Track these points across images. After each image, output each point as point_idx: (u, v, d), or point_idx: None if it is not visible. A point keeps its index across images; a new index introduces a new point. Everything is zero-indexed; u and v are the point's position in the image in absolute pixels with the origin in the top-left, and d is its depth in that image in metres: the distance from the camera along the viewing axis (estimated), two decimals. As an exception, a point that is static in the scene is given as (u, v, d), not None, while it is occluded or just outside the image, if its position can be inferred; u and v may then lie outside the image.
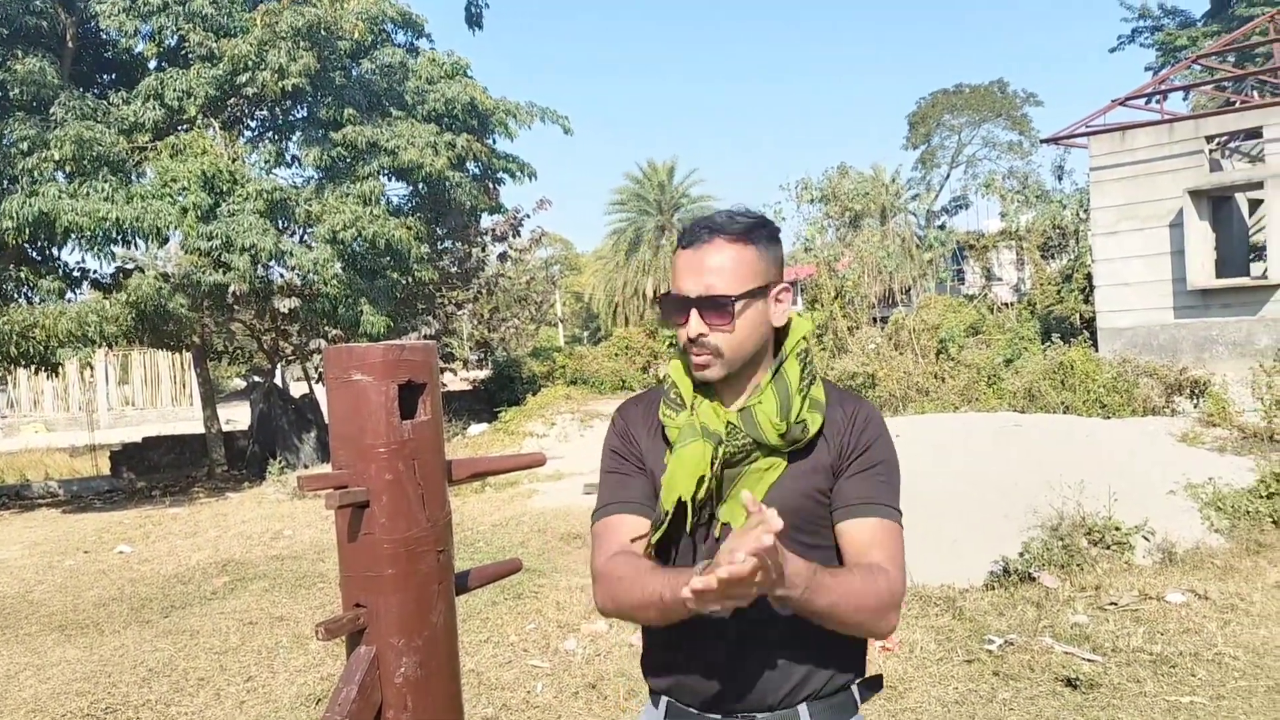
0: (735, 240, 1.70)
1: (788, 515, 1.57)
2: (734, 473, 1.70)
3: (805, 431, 1.69)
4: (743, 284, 1.69)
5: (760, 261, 1.71)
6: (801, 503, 1.70)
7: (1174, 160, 15.77)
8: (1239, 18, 29.27)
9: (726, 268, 1.69)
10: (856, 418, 1.74)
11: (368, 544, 1.77)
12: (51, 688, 5.50)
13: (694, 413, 1.74)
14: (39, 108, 12.92)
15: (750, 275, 1.70)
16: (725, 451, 1.69)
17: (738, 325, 1.69)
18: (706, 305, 1.68)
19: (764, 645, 1.70)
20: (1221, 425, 9.38)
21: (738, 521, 1.64)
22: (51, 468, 19.29)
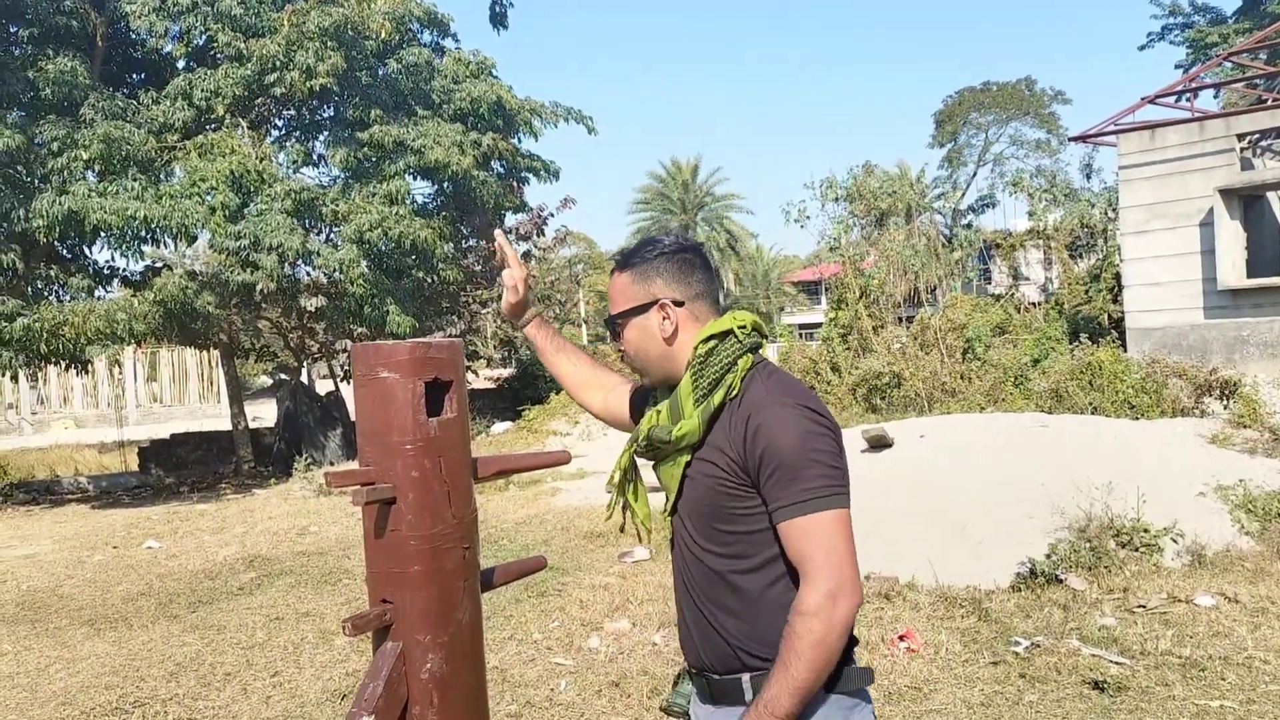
0: (618, 270, 2.03)
1: (697, 504, 1.91)
2: (661, 467, 1.97)
3: (668, 434, 1.89)
4: (617, 306, 2.01)
5: (634, 285, 1.98)
6: (704, 492, 1.88)
7: (1204, 159, 15.58)
8: (1271, 14, 28.92)
9: (612, 294, 2.03)
10: (749, 424, 1.83)
11: (394, 540, 1.77)
12: (81, 681, 5.56)
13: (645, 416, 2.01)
14: (70, 108, 13.07)
15: (628, 297, 1.99)
16: (635, 452, 2.02)
17: (626, 340, 2.00)
18: (609, 328, 2.04)
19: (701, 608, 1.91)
20: (1252, 426, 9.26)
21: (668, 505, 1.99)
22: (81, 464, 19.51)
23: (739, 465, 1.84)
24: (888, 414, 14.07)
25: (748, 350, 1.90)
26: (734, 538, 1.86)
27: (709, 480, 1.88)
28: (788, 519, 1.77)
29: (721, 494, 1.86)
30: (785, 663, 1.72)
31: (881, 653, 5.13)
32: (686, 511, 1.94)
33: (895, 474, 8.39)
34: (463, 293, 19.10)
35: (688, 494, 1.92)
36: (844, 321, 19.33)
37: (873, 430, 9.37)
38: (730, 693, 1.87)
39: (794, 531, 1.77)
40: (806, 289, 53.10)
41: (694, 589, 1.93)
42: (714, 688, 1.90)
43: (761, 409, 1.84)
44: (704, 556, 1.89)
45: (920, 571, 6.42)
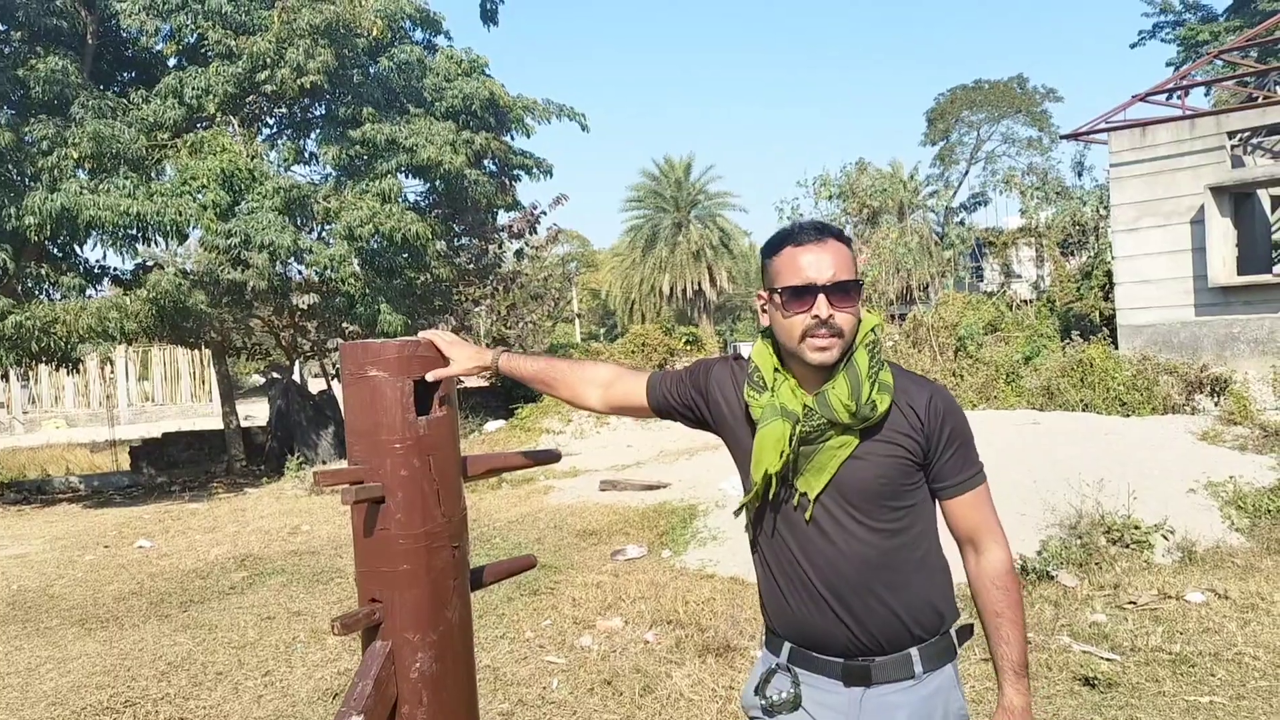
0: (843, 241, 1.98)
1: (868, 484, 1.92)
2: (810, 449, 1.92)
3: (874, 410, 1.90)
4: (856, 274, 1.97)
5: (853, 261, 1.98)
6: (881, 472, 1.92)
7: (1195, 156, 15.62)
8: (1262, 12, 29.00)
9: (845, 261, 1.94)
10: (932, 404, 1.96)
11: (383, 539, 1.77)
12: (72, 681, 5.55)
13: (775, 394, 1.96)
14: (60, 106, 13.02)
15: (855, 270, 1.97)
16: (802, 430, 1.92)
17: (852, 310, 1.93)
18: (836, 290, 1.91)
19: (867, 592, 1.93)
20: (1242, 423, 9.30)
21: (813, 491, 1.93)
22: (72, 463, 19.45)
23: (921, 443, 1.95)
24: (880, 411, 14.04)
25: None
26: (903, 513, 1.95)
27: (890, 459, 1.94)
28: (972, 488, 1.98)
29: (902, 471, 1.94)
30: (1016, 620, 1.94)
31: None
32: (845, 494, 1.94)
33: (887, 471, 8.40)
34: (455, 291, 19.06)
35: (850, 475, 1.93)
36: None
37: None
38: (898, 669, 1.94)
39: (976, 500, 1.98)
40: (799, 287, 52.88)
41: (851, 573, 1.93)
42: (876, 670, 1.94)
43: (929, 386, 2.01)
44: (870, 538, 1.92)
45: (912, 569, 6.43)
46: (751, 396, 2.01)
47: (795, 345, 1.94)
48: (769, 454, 1.93)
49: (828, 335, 1.90)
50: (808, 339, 1.91)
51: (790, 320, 1.93)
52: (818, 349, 1.91)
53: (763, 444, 1.95)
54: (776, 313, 1.97)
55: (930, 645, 1.96)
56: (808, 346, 1.91)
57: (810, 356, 1.92)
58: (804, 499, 1.96)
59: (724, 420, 2.11)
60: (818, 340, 1.91)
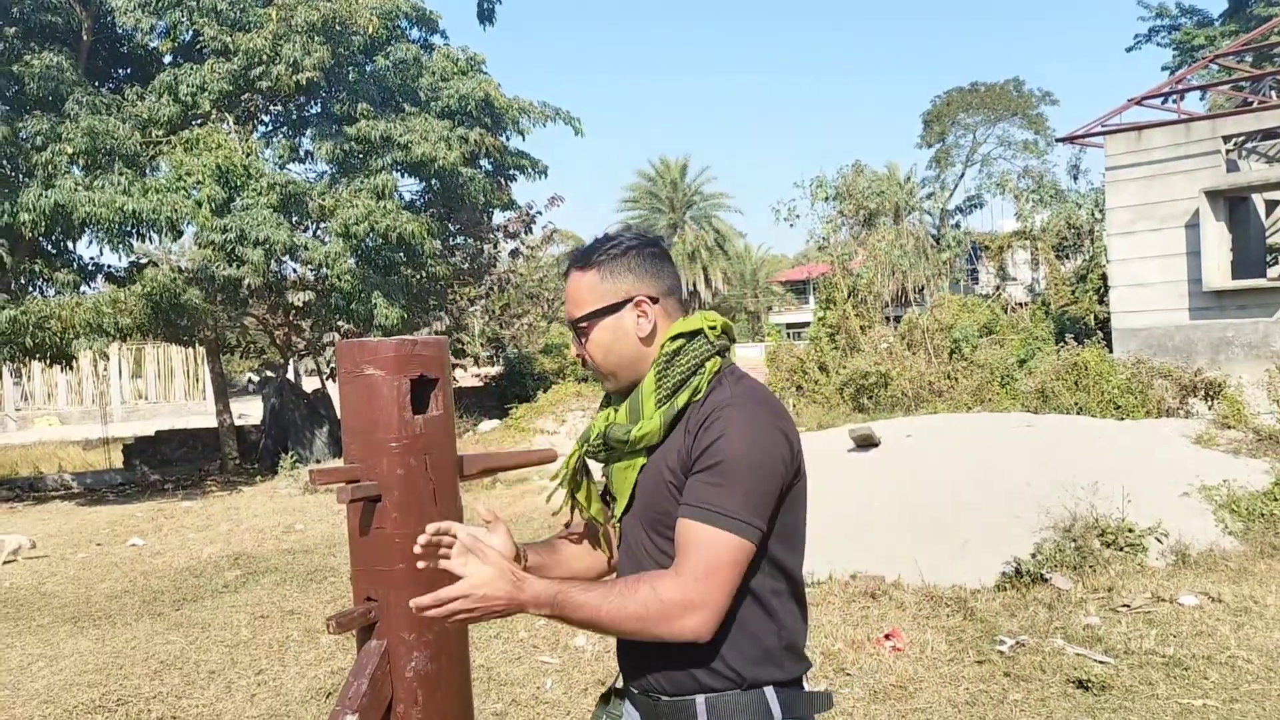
0: (580, 267, 1.86)
1: (651, 508, 1.79)
2: (610, 469, 1.88)
3: (625, 433, 1.78)
4: (585, 307, 1.84)
5: (604, 283, 1.83)
6: (655, 497, 1.78)
7: (1190, 160, 15.66)
8: (1257, 17, 29.07)
9: (576, 294, 1.86)
10: (708, 418, 1.71)
11: (379, 538, 1.77)
12: (64, 679, 5.53)
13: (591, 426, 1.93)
14: (55, 103, 12.99)
15: (594, 297, 1.83)
16: (586, 452, 1.90)
17: (593, 342, 1.84)
18: (575, 328, 1.87)
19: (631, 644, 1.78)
20: (1236, 427, 9.31)
21: (618, 512, 1.87)
22: (65, 460, 19.40)
23: (685, 459, 1.72)
24: (874, 413, 14.10)
25: (717, 353, 1.79)
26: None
27: (663, 484, 1.75)
28: (695, 519, 1.66)
29: (667, 495, 1.74)
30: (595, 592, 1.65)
31: (867, 651, 5.14)
32: (640, 517, 1.81)
33: (881, 473, 8.41)
34: (450, 289, 19.05)
35: (641, 498, 1.81)
36: (832, 321, 19.37)
37: (859, 430, 9.38)
38: (679, 716, 1.73)
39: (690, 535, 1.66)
40: (794, 288, 53.19)
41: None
42: (661, 711, 1.75)
43: (724, 406, 1.72)
44: (666, 561, 1.72)
45: (906, 570, 6.44)
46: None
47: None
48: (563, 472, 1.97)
49: (593, 368, 1.88)
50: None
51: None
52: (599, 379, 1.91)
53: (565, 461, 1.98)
54: None
55: (723, 698, 1.71)
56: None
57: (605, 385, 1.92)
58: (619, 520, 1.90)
59: None
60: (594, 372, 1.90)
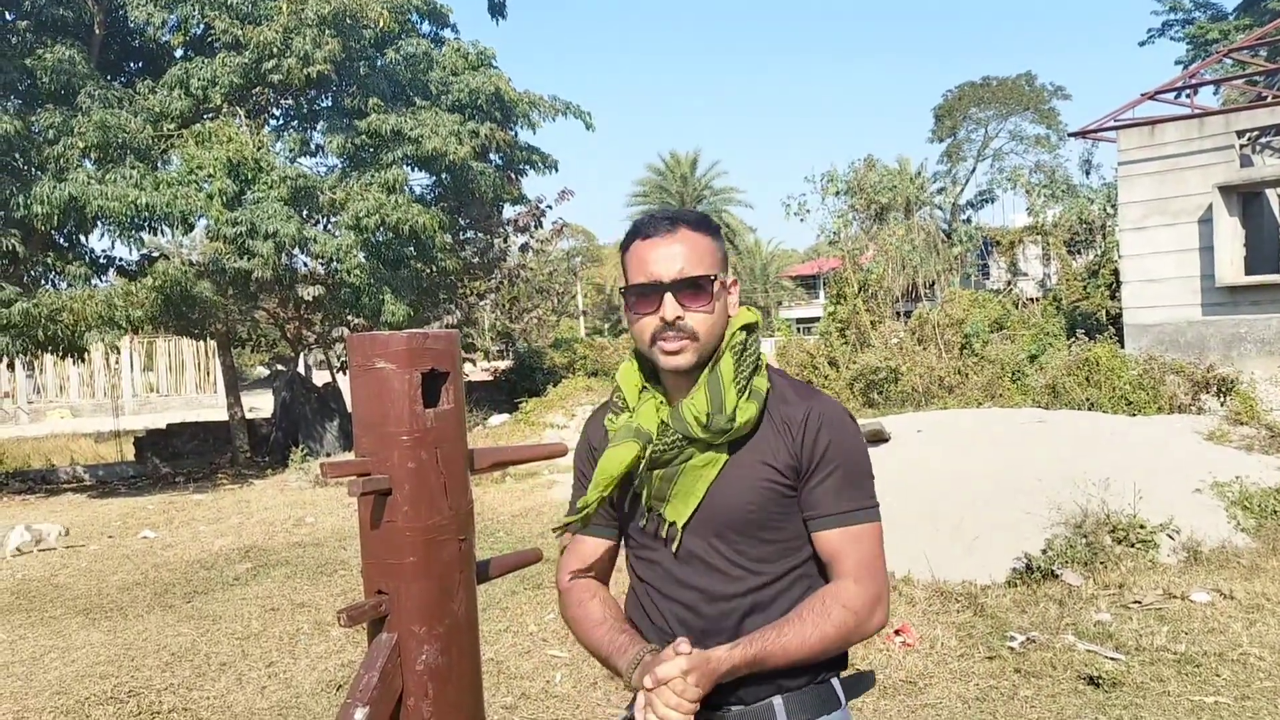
0: (696, 229, 1.75)
1: (736, 511, 1.70)
2: (672, 472, 1.72)
3: (733, 422, 1.68)
4: (711, 268, 1.73)
5: (719, 250, 1.77)
6: (749, 497, 1.70)
7: (1204, 155, 15.58)
8: (1271, 11, 28.90)
9: (697, 252, 1.72)
10: (810, 418, 1.71)
11: (390, 531, 1.77)
12: (76, 670, 5.56)
13: (634, 414, 1.77)
14: (67, 96, 13.03)
15: (714, 261, 1.75)
16: (654, 450, 1.71)
17: (705, 308, 1.71)
18: (684, 287, 1.70)
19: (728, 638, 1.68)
20: (1249, 424, 9.27)
21: (681, 519, 1.72)
22: (77, 453, 19.49)
23: (794, 463, 1.70)
24: (885, 409, 14.08)
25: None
26: (776, 548, 1.72)
27: (762, 482, 1.70)
28: (844, 525, 1.69)
29: (772, 496, 1.71)
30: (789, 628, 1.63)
31: (877, 647, 5.13)
32: (712, 523, 1.72)
33: (891, 469, 8.39)
34: (460, 284, 19.08)
35: (718, 500, 1.71)
36: (842, 316, 19.33)
37: (870, 425, 9.37)
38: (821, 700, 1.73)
39: (847, 541, 1.69)
40: (804, 283, 53.10)
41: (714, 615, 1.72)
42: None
43: (811, 399, 1.74)
44: (738, 574, 1.71)
45: (916, 566, 6.43)
46: (610, 421, 1.83)
47: (647, 350, 1.75)
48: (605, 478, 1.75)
49: (677, 338, 1.70)
50: (658, 342, 1.72)
51: (639, 322, 1.74)
52: (667, 353, 1.71)
53: (603, 466, 1.75)
54: (628, 314, 1.78)
55: (799, 694, 1.71)
56: (658, 350, 1.72)
57: (661, 361, 1.73)
58: (672, 529, 1.75)
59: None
60: (667, 344, 1.71)
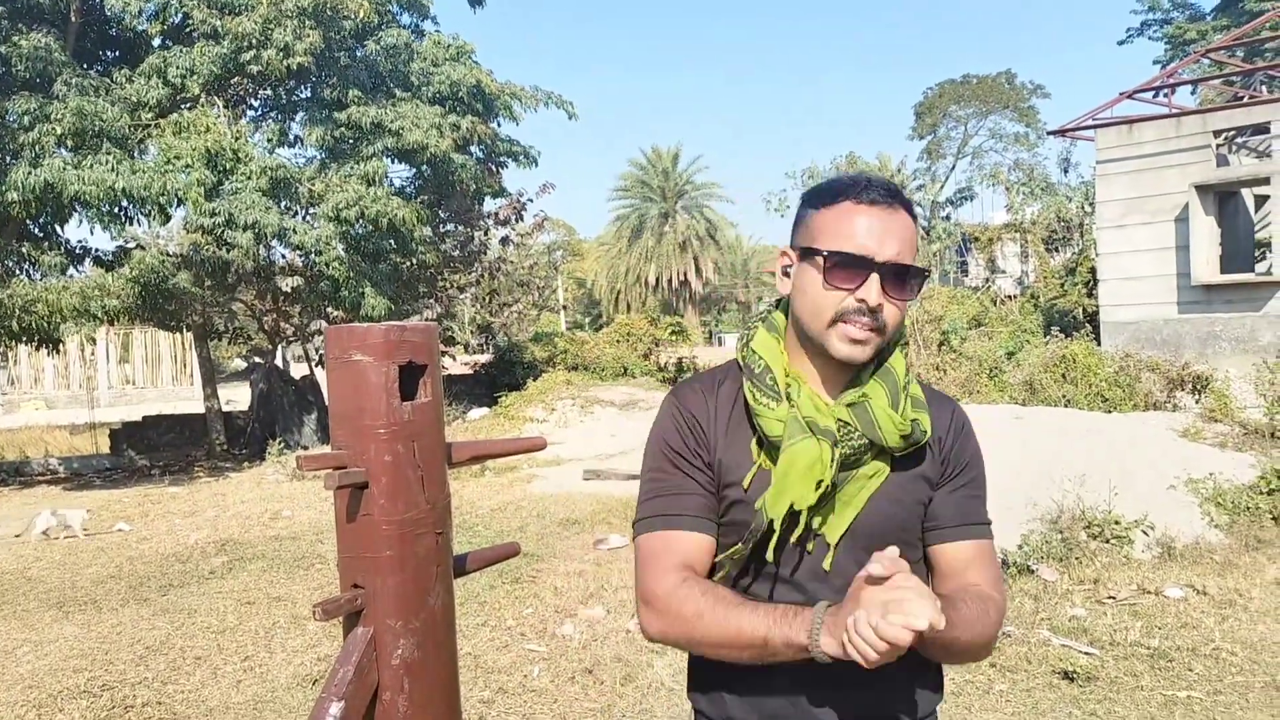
0: (909, 211, 1.53)
1: (888, 528, 1.51)
2: (842, 477, 1.50)
3: (923, 432, 1.51)
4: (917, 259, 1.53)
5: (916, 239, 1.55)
6: (902, 512, 1.54)
7: (1181, 155, 15.71)
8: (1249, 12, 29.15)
9: (910, 240, 1.50)
10: (955, 424, 1.60)
11: (366, 525, 1.76)
12: (48, 664, 5.51)
13: (793, 403, 1.51)
14: (43, 84, 12.88)
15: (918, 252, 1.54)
16: (842, 453, 1.48)
17: (905, 301, 1.51)
18: (894, 275, 1.47)
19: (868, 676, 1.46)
20: (1223, 421, 9.36)
21: (835, 533, 1.51)
22: (51, 445, 19.30)
23: (936, 475, 1.57)
24: (864, 404, 14.08)
25: None
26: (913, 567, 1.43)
27: (916, 497, 1.55)
28: (977, 538, 1.57)
29: (921, 511, 1.56)
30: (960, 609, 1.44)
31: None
32: (858, 539, 1.52)
33: (870, 464, 8.42)
34: (440, 277, 19.01)
35: (874, 514, 1.52)
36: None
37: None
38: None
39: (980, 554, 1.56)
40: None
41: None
42: None
43: (949, 403, 1.62)
44: None
45: (894, 561, 6.45)
46: (763, 405, 1.52)
47: (820, 328, 1.49)
48: (799, 483, 1.46)
49: (868, 327, 1.47)
50: (840, 324, 1.48)
51: (827, 295, 1.48)
52: (851, 340, 1.47)
53: (790, 469, 1.46)
54: (811, 280, 1.50)
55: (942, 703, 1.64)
56: (837, 334, 1.48)
57: (837, 348, 1.48)
58: (821, 543, 1.53)
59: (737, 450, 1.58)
60: (852, 329, 1.47)
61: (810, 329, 1.52)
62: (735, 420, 1.57)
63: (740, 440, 1.56)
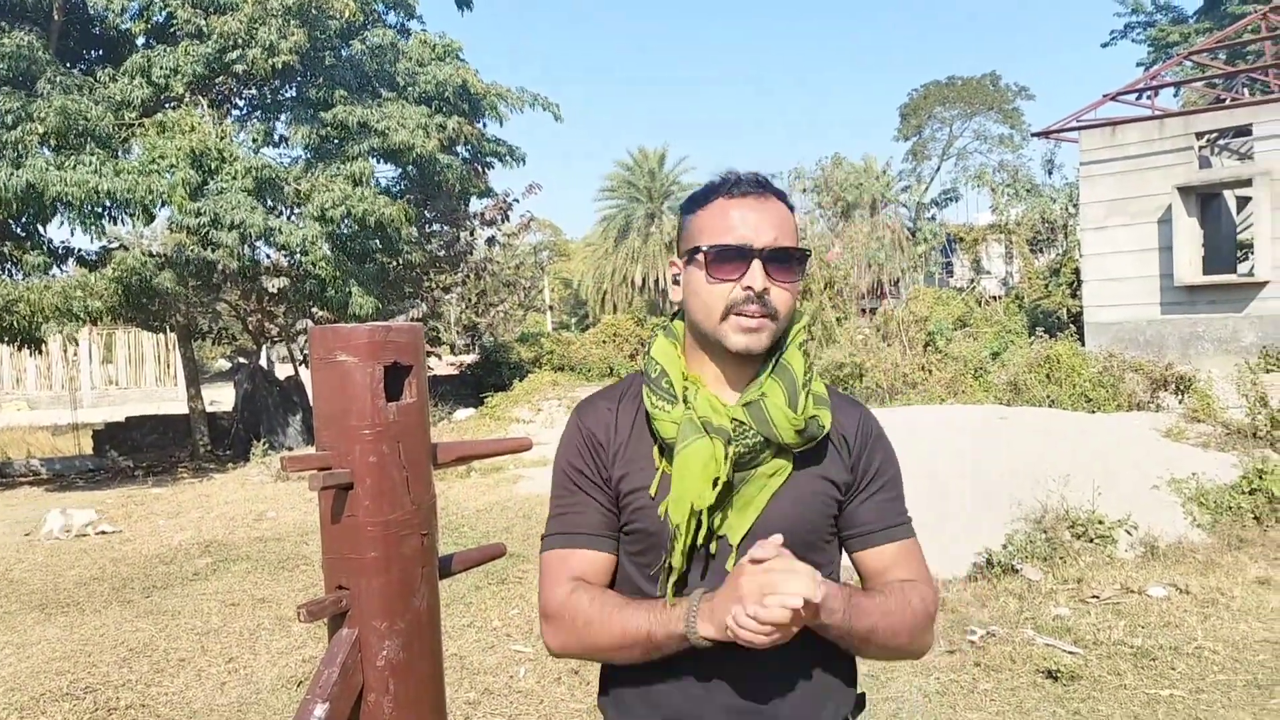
0: (782, 199, 1.57)
1: (798, 526, 1.50)
2: (740, 477, 1.50)
3: (820, 428, 1.51)
4: (798, 242, 1.55)
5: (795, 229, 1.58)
6: (809, 512, 1.54)
7: (1164, 156, 15.81)
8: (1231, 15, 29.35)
9: (789, 225, 1.53)
10: (864, 430, 1.61)
11: (351, 526, 1.75)
12: (31, 666, 5.47)
13: (690, 406, 1.51)
14: (26, 83, 12.79)
15: (798, 236, 1.57)
16: (736, 451, 1.48)
17: (794, 286, 1.53)
18: (776, 259, 1.50)
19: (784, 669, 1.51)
20: (1206, 421, 9.42)
21: (736, 534, 1.51)
22: (33, 446, 19.17)
23: (849, 478, 1.58)
24: (849, 405, 14.11)
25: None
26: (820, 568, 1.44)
27: (820, 497, 1.55)
28: (900, 539, 1.59)
29: (827, 514, 1.56)
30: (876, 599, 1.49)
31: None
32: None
33: (856, 464, 8.44)
34: (426, 277, 18.98)
35: (776, 514, 1.51)
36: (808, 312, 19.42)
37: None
38: None
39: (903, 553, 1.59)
40: (771, 279, 53.29)
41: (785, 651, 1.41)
42: None
43: (858, 407, 1.63)
44: None
45: (879, 561, 6.47)
46: (660, 409, 1.52)
47: (714, 324, 1.51)
48: (694, 483, 1.46)
49: (759, 314, 1.48)
50: (732, 316, 1.49)
51: (713, 289, 1.50)
52: (744, 330, 1.49)
53: (686, 470, 1.47)
54: (697, 278, 1.52)
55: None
56: (730, 326, 1.49)
57: (733, 340, 1.49)
58: (724, 545, 1.51)
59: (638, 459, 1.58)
60: (745, 319, 1.49)
61: (705, 327, 1.54)
62: (638, 430, 1.59)
63: (643, 448, 1.57)
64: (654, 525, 1.53)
